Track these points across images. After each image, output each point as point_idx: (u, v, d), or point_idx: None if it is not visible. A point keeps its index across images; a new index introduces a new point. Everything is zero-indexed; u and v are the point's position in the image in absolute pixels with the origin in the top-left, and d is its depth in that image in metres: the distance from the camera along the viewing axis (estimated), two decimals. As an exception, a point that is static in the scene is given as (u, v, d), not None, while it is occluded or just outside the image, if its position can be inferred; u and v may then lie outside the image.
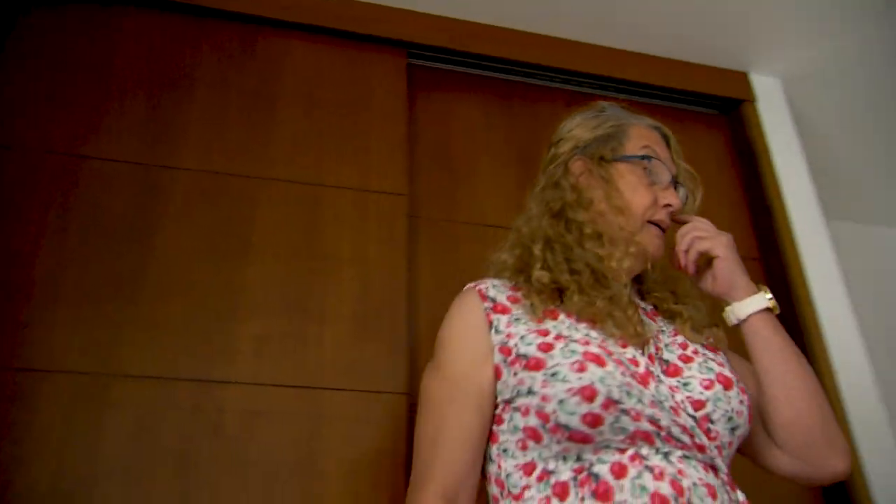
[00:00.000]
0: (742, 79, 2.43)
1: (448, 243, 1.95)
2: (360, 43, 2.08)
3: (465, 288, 1.19)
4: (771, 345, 1.14)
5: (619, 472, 0.95)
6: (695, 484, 0.95)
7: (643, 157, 1.21)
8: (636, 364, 1.05)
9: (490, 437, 1.07)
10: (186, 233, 1.71)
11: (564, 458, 0.98)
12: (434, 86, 2.17)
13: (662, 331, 1.17)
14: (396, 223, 1.87)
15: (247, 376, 1.60)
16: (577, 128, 1.30)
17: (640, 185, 1.20)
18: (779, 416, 1.11)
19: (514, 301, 1.13)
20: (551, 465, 0.98)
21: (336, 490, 1.54)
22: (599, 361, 0.99)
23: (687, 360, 1.11)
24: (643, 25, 2.24)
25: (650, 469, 0.95)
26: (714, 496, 0.95)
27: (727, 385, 1.07)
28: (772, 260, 2.14)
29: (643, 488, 0.93)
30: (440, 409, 1.07)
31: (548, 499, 0.96)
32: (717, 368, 1.10)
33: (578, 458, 0.97)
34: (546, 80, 2.26)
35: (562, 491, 0.96)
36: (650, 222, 1.19)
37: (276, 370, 1.62)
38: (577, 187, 1.22)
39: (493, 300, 1.13)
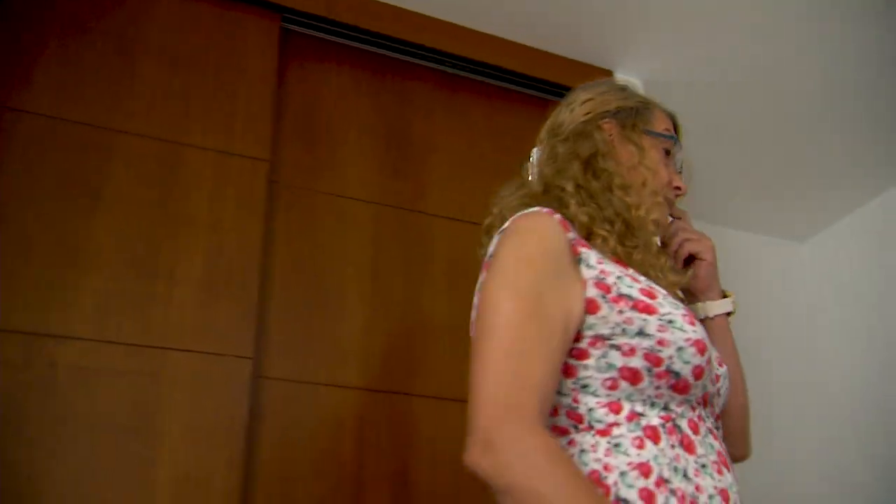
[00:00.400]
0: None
1: (308, 213, 1.97)
2: (234, 3, 2.04)
3: (537, 211, 1.08)
4: (728, 343, 1.30)
5: (695, 428, 1.01)
6: (713, 443, 1.04)
7: (670, 137, 1.28)
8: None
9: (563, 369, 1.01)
10: (29, 178, 1.64)
11: (653, 405, 0.99)
12: (307, 54, 2.16)
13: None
14: (256, 188, 1.87)
15: (85, 332, 1.57)
16: (606, 94, 1.30)
17: (660, 162, 1.25)
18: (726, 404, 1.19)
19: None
20: (639, 408, 0.98)
21: (172, 452, 1.54)
22: (693, 318, 1.03)
23: None
24: (516, 14, 2.31)
25: (709, 430, 1.04)
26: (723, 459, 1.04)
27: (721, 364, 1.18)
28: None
29: (711, 446, 1.01)
30: (522, 333, 0.94)
31: (640, 439, 0.96)
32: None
33: (665, 408, 0.99)
34: (419, 58, 2.30)
35: (653, 434, 0.96)
36: (665, 197, 1.25)
37: (117, 327, 1.60)
38: (608, 142, 1.22)
39: (576, 232, 1.08)
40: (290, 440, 1.71)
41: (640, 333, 0.98)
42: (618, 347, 0.99)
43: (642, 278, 1.05)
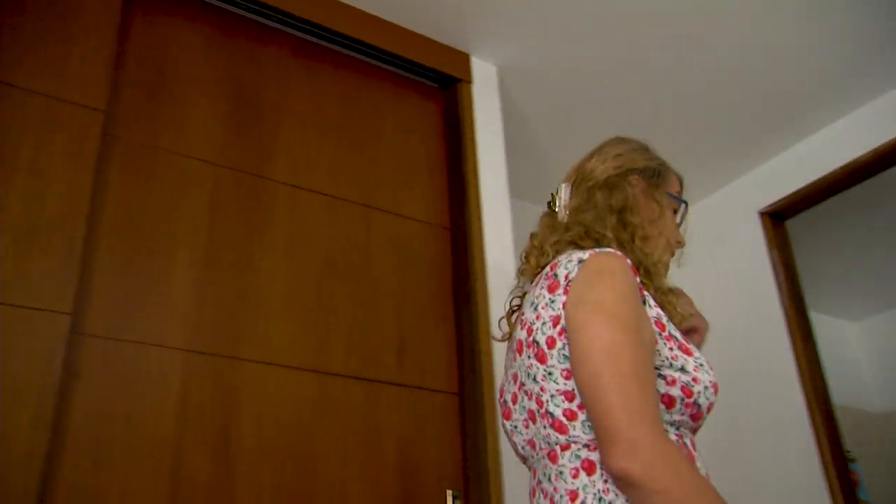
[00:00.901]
0: (463, 59, 2.60)
1: (145, 169, 1.91)
2: (76, -57, 1.94)
3: (613, 253, 1.26)
4: None
5: (693, 447, 1.24)
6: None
7: (681, 201, 1.51)
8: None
9: None
10: None
11: (671, 425, 1.20)
12: (156, 6, 2.09)
13: None
14: (88, 139, 1.80)
15: None
16: (634, 152, 1.53)
17: (672, 219, 1.48)
18: None
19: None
20: (664, 426, 1.16)
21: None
22: (716, 388, 1.25)
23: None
24: (377, -11, 2.32)
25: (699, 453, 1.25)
26: None
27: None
28: (459, 229, 2.34)
29: (699, 468, 1.21)
30: (637, 357, 1.13)
31: None
32: None
33: (678, 429, 1.22)
34: (276, 21, 2.27)
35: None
36: (671, 250, 1.47)
37: (-82, 274, 1.50)
38: (636, 197, 1.44)
39: (637, 273, 1.27)
40: (108, 399, 1.67)
41: (682, 369, 1.20)
42: (663, 377, 1.19)
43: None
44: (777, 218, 3.28)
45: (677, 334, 1.26)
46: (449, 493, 2.02)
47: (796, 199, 3.17)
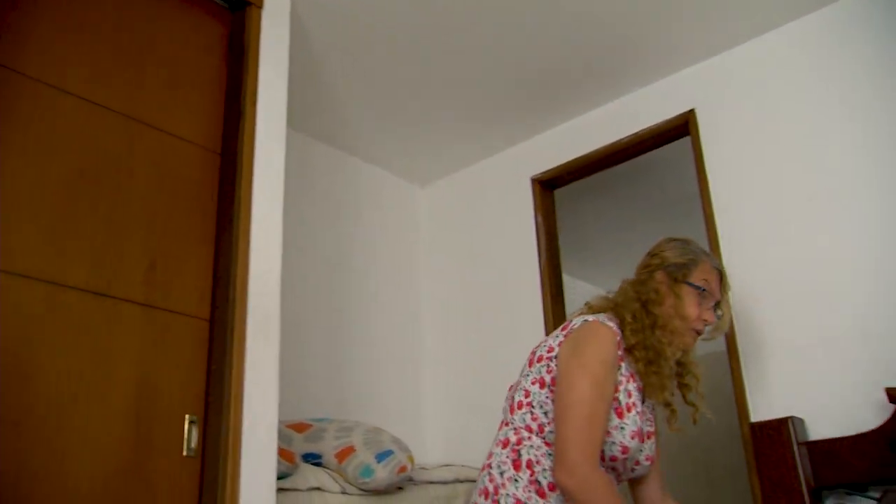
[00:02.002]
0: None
1: None
2: None
3: (608, 324, 1.83)
4: None
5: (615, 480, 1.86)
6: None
7: (699, 288, 1.92)
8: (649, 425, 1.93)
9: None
10: None
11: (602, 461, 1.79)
12: None
13: (649, 406, 1.95)
14: None
15: None
16: (669, 251, 1.98)
17: (693, 303, 1.90)
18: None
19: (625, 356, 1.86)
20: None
21: None
22: (640, 438, 1.80)
23: (650, 436, 1.91)
24: None
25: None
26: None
27: (651, 462, 1.92)
28: (230, 155, 2.29)
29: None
30: (595, 408, 1.70)
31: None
32: (654, 451, 1.94)
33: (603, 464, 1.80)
34: None
35: None
36: (693, 329, 1.91)
37: None
38: (658, 290, 1.91)
39: (621, 350, 1.83)
40: None
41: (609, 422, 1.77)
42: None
43: (635, 394, 1.82)
44: (547, 186, 3.51)
45: (622, 399, 1.79)
46: (187, 417, 2.00)
47: (566, 170, 3.41)
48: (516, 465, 1.77)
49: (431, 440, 3.49)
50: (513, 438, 1.81)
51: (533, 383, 1.82)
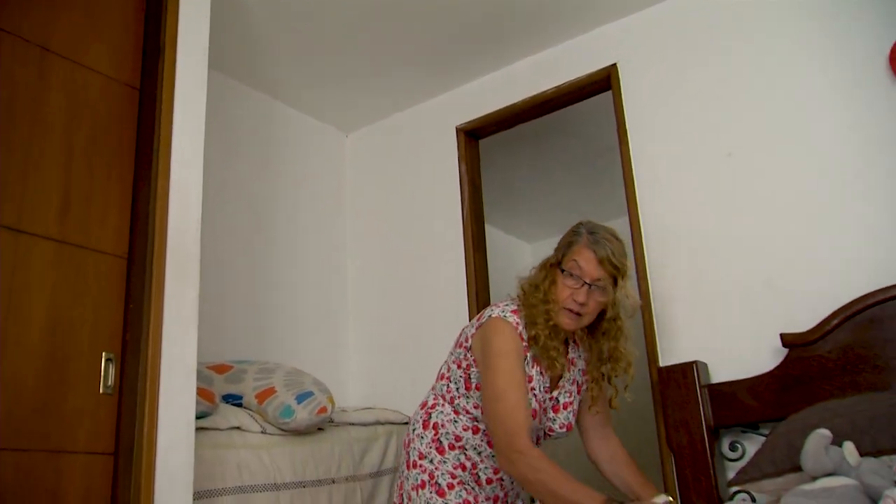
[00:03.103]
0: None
1: None
2: None
3: (507, 315, 2.04)
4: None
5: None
6: None
7: (563, 271, 2.03)
8: (543, 403, 2.09)
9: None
10: None
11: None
12: None
13: (569, 379, 2.15)
14: None
15: None
16: (560, 239, 2.12)
17: (562, 286, 2.02)
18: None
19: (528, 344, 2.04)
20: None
21: None
22: (535, 416, 2.02)
23: (565, 406, 2.14)
24: None
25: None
26: None
27: (568, 429, 2.16)
28: (149, 92, 2.23)
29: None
30: (510, 396, 1.92)
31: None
32: (571, 419, 2.15)
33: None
34: None
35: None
36: (565, 309, 2.02)
37: None
38: (539, 279, 2.08)
39: (524, 340, 2.03)
40: None
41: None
42: None
43: (536, 377, 2.05)
44: (471, 136, 3.54)
45: (528, 385, 2.02)
46: (104, 355, 1.99)
47: (490, 120, 3.44)
48: (425, 425, 2.11)
49: (352, 384, 3.54)
50: (430, 402, 2.16)
51: (453, 363, 2.12)
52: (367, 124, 3.87)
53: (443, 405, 2.11)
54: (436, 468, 2.04)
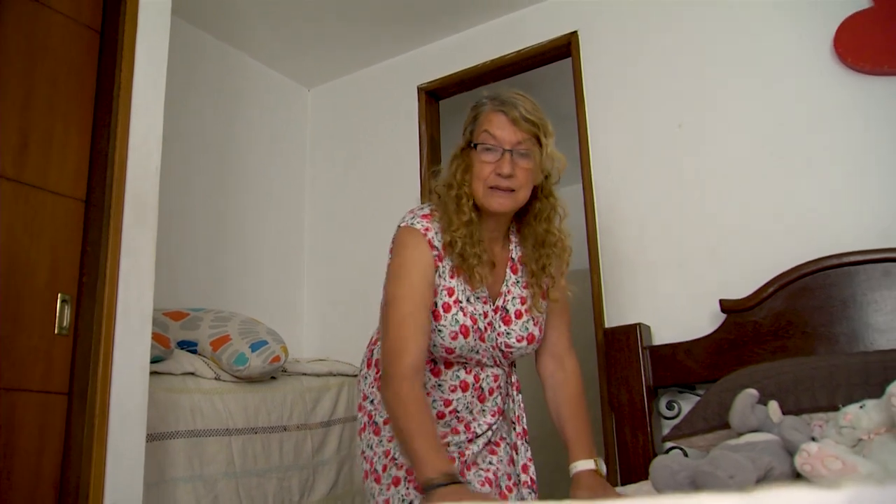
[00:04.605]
0: None
1: None
2: None
3: (416, 222, 1.73)
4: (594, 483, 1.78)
5: (444, 368, 1.79)
6: (487, 375, 1.82)
7: (476, 147, 1.72)
8: (485, 317, 1.76)
9: None
10: None
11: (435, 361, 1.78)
12: None
13: (518, 282, 1.82)
14: None
15: None
16: (465, 121, 1.79)
17: (479, 163, 1.70)
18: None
19: (443, 251, 1.72)
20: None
21: None
22: (465, 334, 1.72)
23: (518, 315, 1.80)
24: None
25: (465, 368, 1.79)
26: (496, 379, 1.84)
27: (531, 341, 1.81)
28: (110, 35, 2.22)
29: (458, 377, 1.80)
30: (403, 314, 1.64)
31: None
32: (531, 329, 1.81)
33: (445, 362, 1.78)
34: None
35: (436, 371, 1.78)
36: (490, 188, 1.69)
37: None
38: (454, 171, 1.75)
39: (437, 249, 1.71)
40: None
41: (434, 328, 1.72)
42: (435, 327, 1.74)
43: (459, 289, 1.74)
44: (432, 96, 3.57)
45: (439, 300, 1.71)
46: (59, 296, 2.00)
47: (451, 81, 3.48)
48: (367, 363, 1.90)
49: (307, 335, 3.59)
50: (373, 337, 1.95)
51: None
52: (330, 80, 3.87)
53: (379, 341, 1.80)
54: (375, 408, 1.82)
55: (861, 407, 1.59)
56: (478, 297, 1.75)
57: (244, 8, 3.23)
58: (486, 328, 1.76)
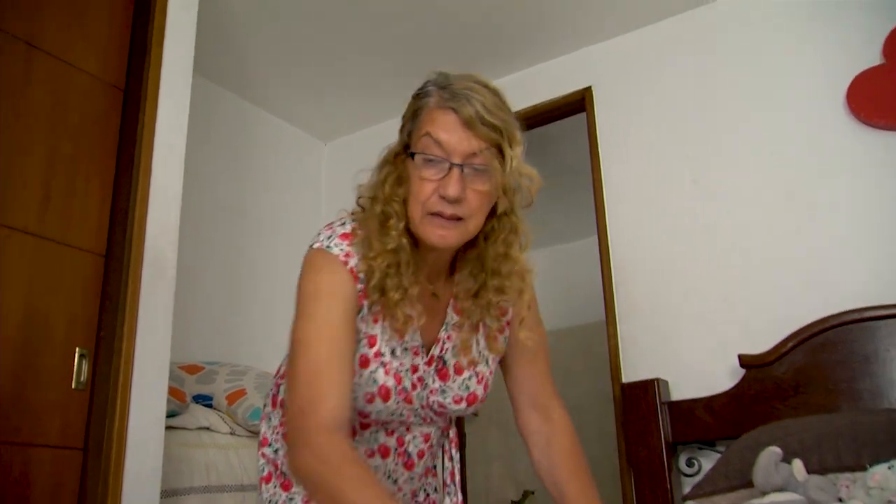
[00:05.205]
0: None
1: None
2: None
3: (335, 245, 1.27)
4: None
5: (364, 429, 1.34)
6: (414, 436, 1.39)
7: (414, 156, 1.23)
8: (415, 371, 1.33)
9: None
10: None
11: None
12: None
13: (462, 325, 1.36)
14: None
15: None
16: (405, 112, 1.32)
17: (420, 178, 1.21)
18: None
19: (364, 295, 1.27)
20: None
21: None
22: (386, 397, 1.28)
23: (459, 370, 1.36)
24: None
25: (385, 430, 1.35)
26: (426, 439, 1.40)
27: (471, 402, 1.37)
28: (133, 93, 2.26)
29: (376, 440, 1.35)
30: (318, 354, 1.20)
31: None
32: (473, 388, 1.37)
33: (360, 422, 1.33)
34: None
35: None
36: (429, 214, 1.22)
37: None
38: (379, 186, 1.28)
39: (361, 281, 1.26)
40: None
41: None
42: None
43: (382, 338, 1.30)
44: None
45: (360, 351, 1.28)
46: (77, 350, 2.01)
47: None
48: (272, 401, 1.46)
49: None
50: (280, 369, 1.47)
51: None
52: (346, 133, 3.92)
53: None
54: (280, 459, 1.41)
55: (890, 468, 1.56)
56: (406, 349, 1.31)
57: (263, 64, 3.29)
58: (413, 386, 1.32)
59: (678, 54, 3.01)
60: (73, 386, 1.98)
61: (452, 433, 1.51)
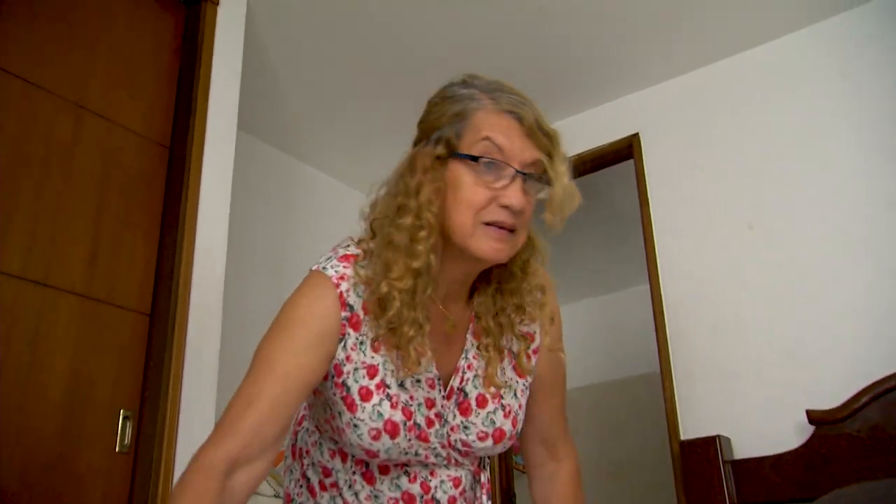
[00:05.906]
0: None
1: None
2: None
3: (332, 267, 1.20)
4: None
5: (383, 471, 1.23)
6: (442, 481, 1.24)
7: (474, 159, 1.13)
8: (431, 405, 1.20)
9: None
10: None
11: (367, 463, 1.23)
12: None
13: (482, 353, 1.23)
14: None
15: None
16: (426, 117, 1.25)
17: (471, 184, 1.12)
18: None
19: (365, 313, 1.16)
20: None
21: None
22: (394, 433, 1.15)
23: (482, 402, 1.22)
24: None
25: (407, 474, 1.23)
26: (456, 484, 1.25)
27: (498, 439, 1.23)
28: (178, 150, 2.26)
29: (398, 486, 1.22)
30: (258, 385, 1.11)
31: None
32: (500, 423, 1.23)
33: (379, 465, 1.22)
34: None
35: (369, 476, 1.24)
36: (483, 224, 1.12)
37: None
38: (410, 191, 1.17)
39: (351, 308, 1.16)
40: None
41: (339, 415, 1.17)
42: (332, 410, 1.20)
43: (383, 370, 1.17)
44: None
45: (354, 385, 1.15)
46: (121, 412, 1.96)
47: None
48: (293, 452, 1.37)
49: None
50: (298, 417, 1.39)
51: None
52: (387, 186, 3.90)
53: (309, 420, 1.33)
54: None
55: None
56: (418, 381, 1.19)
57: (305, 119, 3.30)
58: (429, 422, 1.19)
59: (726, 97, 2.94)
60: (116, 449, 1.93)
61: (484, 478, 1.36)
